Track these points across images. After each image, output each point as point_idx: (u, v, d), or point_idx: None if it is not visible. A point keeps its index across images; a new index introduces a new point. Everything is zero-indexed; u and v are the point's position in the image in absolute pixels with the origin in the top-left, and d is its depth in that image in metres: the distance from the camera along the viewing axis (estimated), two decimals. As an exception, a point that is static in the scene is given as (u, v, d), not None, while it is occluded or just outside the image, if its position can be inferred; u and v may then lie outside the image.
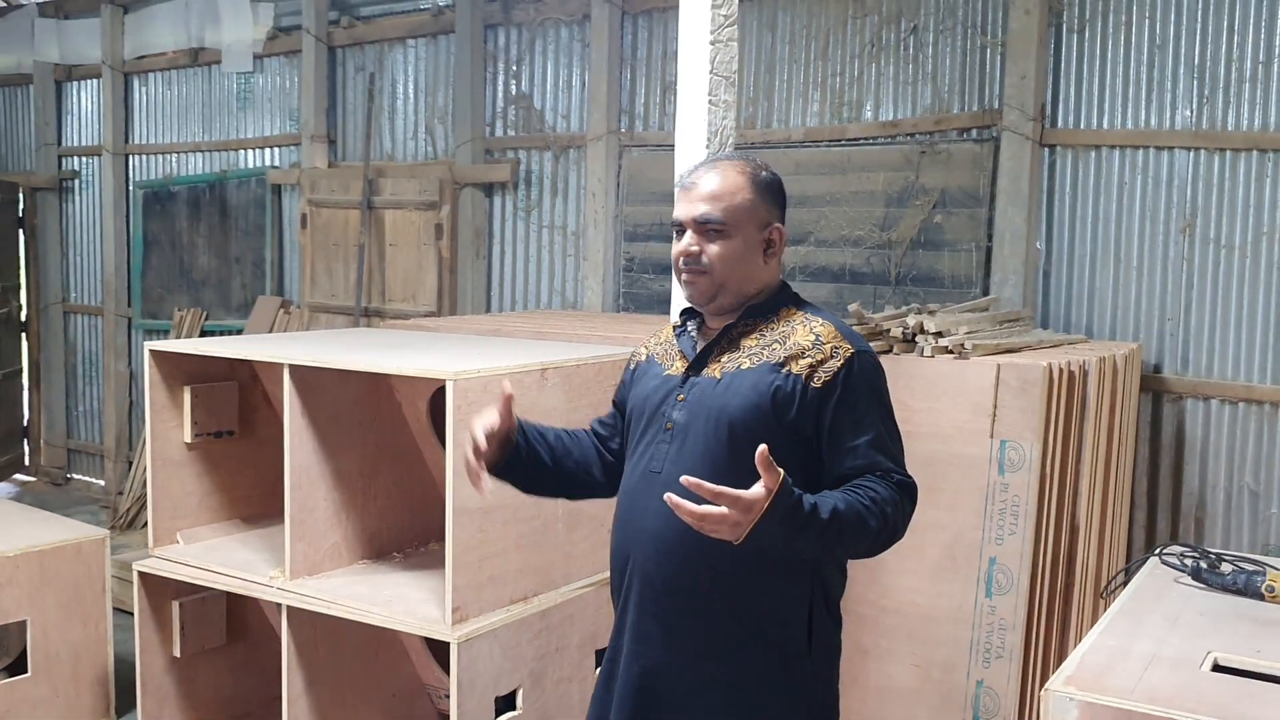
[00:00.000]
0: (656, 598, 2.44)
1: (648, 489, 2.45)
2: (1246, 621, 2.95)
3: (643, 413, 2.55)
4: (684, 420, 2.45)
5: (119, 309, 9.41)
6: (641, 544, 2.46)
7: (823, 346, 2.41)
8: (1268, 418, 4.90)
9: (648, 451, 2.50)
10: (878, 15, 5.74)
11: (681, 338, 2.60)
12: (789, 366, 2.39)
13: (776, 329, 2.48)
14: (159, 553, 4.29)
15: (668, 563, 2.42)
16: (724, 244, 2.46)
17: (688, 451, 2.42)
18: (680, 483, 2.11)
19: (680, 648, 2.44)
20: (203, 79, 8.89)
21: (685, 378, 2.50)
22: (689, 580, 2.41)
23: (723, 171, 2.49)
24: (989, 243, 5.35)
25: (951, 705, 4.00)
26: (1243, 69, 4.87)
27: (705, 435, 2.41)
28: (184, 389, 4.36)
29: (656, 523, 2.40)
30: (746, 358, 2.44)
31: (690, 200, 2.47)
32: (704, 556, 2.36)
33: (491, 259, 7.23)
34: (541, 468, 2.65)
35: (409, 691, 4.43)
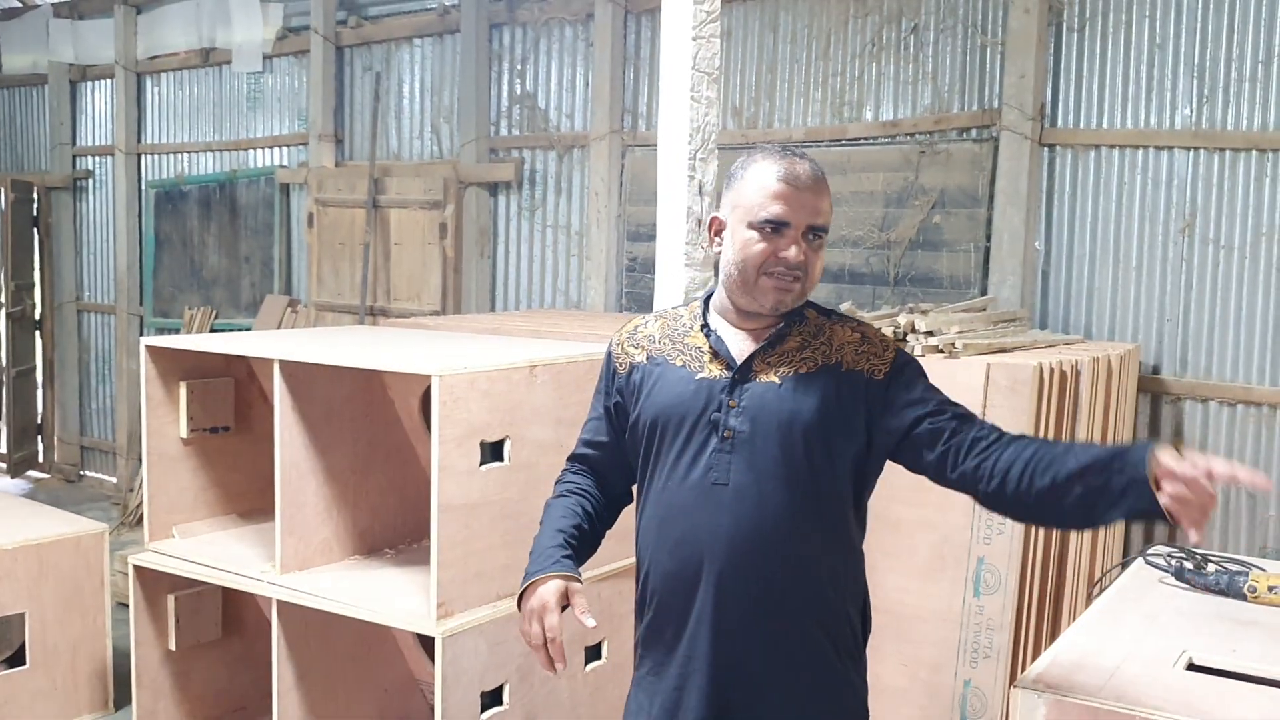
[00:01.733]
0: (738, 615, 2.33)
1: (711, 502, 2.33)
2: (1226, 621, 2.94)
3: (680, 421, 2.38)
4: (745, 428, 2.32)
5: (131, 307, 9.49)
6: (713, 561, 2.32)
7: (872, 343, 2.40)
8: (1266, 420, 4.88)
9: (698, 462, 2.35)
10: (878, 15, 5.74)
11: (711, 338, 2.44)
12: (848, 365, 2.36)
13: (813, 332, 2.41)
14: (154, 547, 4.32)
15: (747, 577, 2.32)
16: (821, 254, 2.39)
17: (759, 460, 2.31)
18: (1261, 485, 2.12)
19: (769, 659, 2.35)
20: (213, 79, 8.96)
21: (733, 383, 2.37)
22: (768, 592, 2.32)
23: (818, 175, 2.37)
24: (988, 243, 5.34)
25: (939, 705, 4.00)
26: (1242, 69, 4.85)
27: (777, 442, 2.31)
28: (180, 385, 4.39)
29: (731, 537, 2.31)
30: (802, 362, 2.36)
31: (804, 205, 2.31)
32: (785, 566, 2.32)
33: (496, 258, 7.26)
34: (583, 559, 2.55)
35: (401, 686, 4.45)
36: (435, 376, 3.43)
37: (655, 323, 2.58)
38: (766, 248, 2.32)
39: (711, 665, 2.36)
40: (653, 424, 2.43)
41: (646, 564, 2.47)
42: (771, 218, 2.31)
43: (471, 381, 3.53)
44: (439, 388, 3.43)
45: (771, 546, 2.29)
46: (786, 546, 2.30)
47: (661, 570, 2.42)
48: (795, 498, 2.31)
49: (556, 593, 2.36)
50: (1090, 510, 2.16)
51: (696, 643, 2.37)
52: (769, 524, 2.30)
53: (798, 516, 2.31)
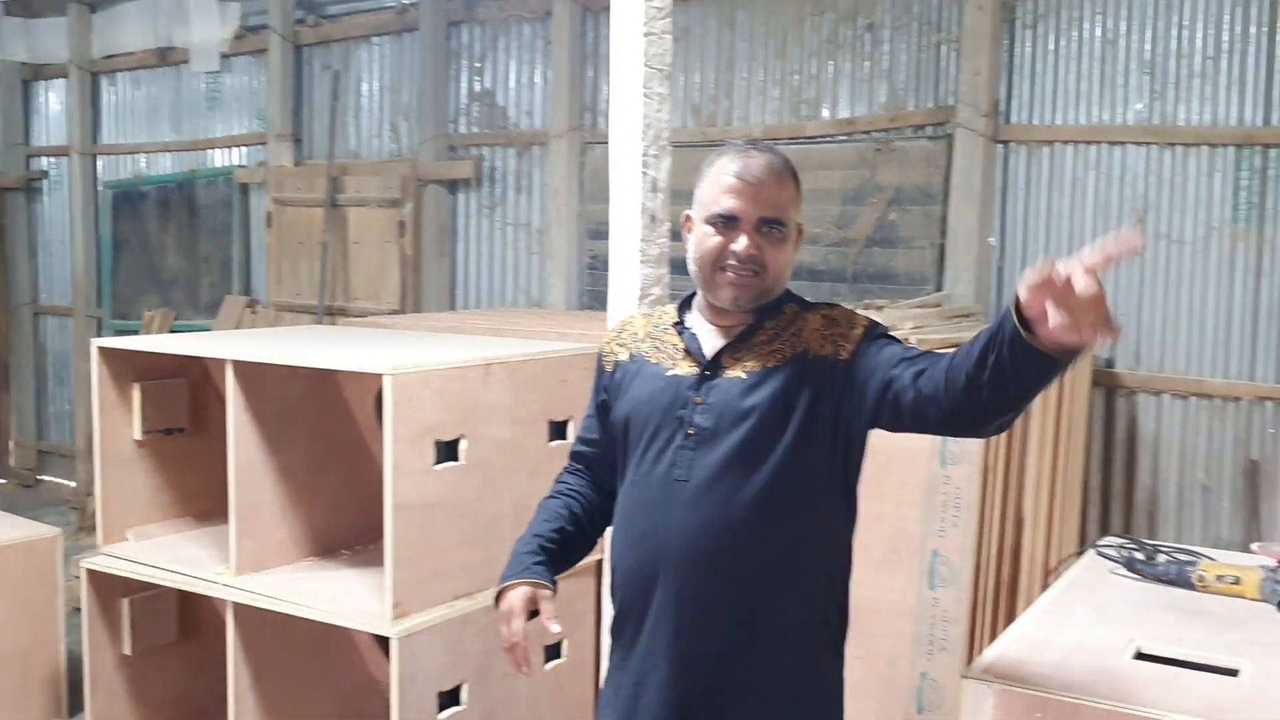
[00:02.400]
0: (697, 610, 2.33)
1: (673, 499, 2.33)
2: (1174, 611, 2.96)
3: (648, 417, 2.40)
4: (709, 424, 2.32)
5: (89, 309, 9.40)
6: (674, 557, 2.32)
7: (838, 324, 2.36)
8: (1218, 412, 4.93)
9: (663, 458, 2.36)
10: (835, 13, 5.76)
11: (684, 335, 2.45)
12: (815, 351, 2.32)
13: (787, 324, 2.39)
14: (108, 550, 4.28)
15: (707, 572, 2.31)
16: (783, 248, 2.36)
17: (718, 456, 2.31)
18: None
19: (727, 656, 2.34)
20: (171, 79, 8.89)
21: (700, 379, 2.37)
22: (730, 588, 2.31)
23: (779, 170, 2.35)
24: (943, 239, 5.38)
25: (895, 698, 4.02)
26: (1192, 64, 4.91)
27: (743, 438, 2.30)
28: (133, 386, 4.35)
29: (692, 533, 2.31)
30: (770, 356, 2.34)
31: (755, 198, 2.31)
32: (746, 562, 2.30)
33: (455, 257, 7.24)
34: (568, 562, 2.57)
35: (359, 687, 4.43)
36: (387, 376, 3.42)
37: (642, 320, 2.60)
38: (720, 242, 2.33)
39: (669, 663, 2.36)
40: (626, 421, 2.45)
41: (614, 559, 2.49)
42: (723, 212, 2.32)
43: (424, 380, 3.52)
44: (390, 387, 3.41)
45: (733, 543, 2.29)
46: (749, 543, 2.29)
47: (625, 566, 2.43)
48: (759, 494, 2.29)
49: (523, 599, 2.39)
50: (1004, 393, 2.01)
51: (656, 639, 2.37)
52: (730, 521, 2.29)
53: (761, 513, 2.29)
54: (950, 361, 2.12)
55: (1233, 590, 3.06)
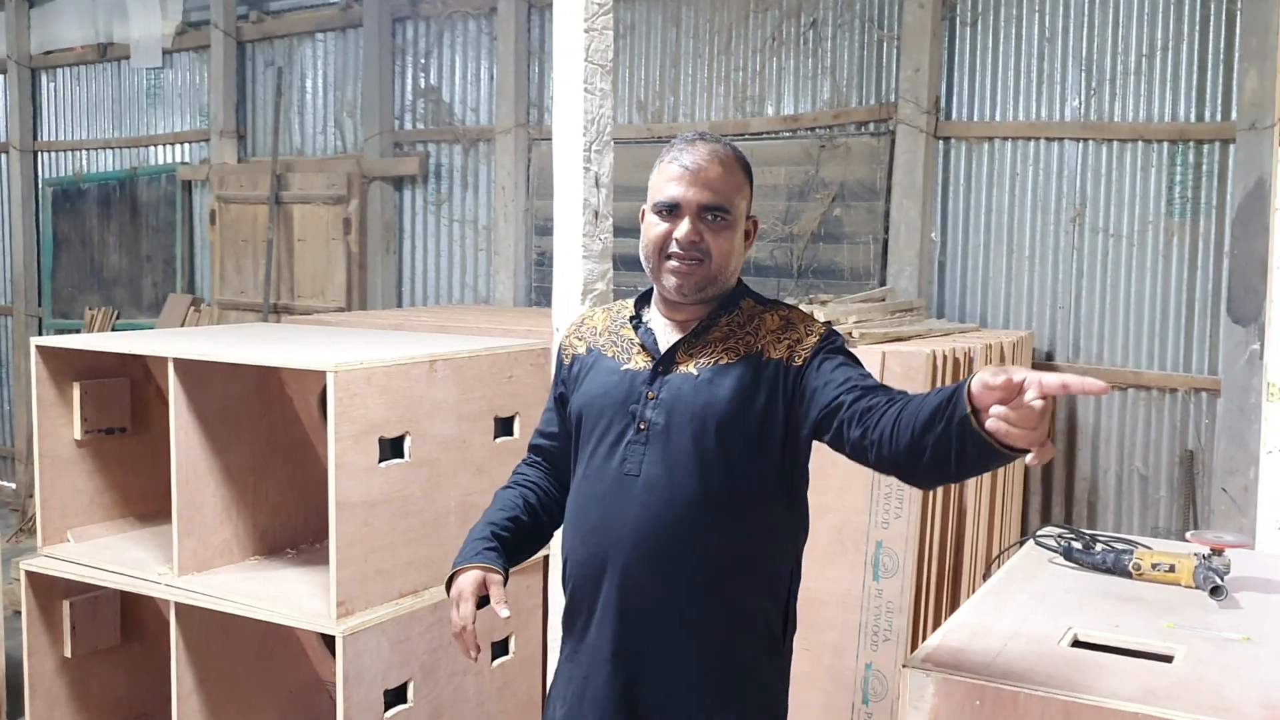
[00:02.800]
0: (640, 605, 2.34)
1: (623, 493, 2.35)
2: (1111, 599, 3.01)
3: (601, 411, 2.41)
4: (661, 420, 2.33)
5: (29, 309, 9.26)
6: (621, 551, 2.34)
7: (795, 328, 2.36)
8: (1155, 403, 5.02)
9: (615, 453, 2.37)
10: (778, 10, 5.79)
11: (639, 330, 2.46)
12: (769, 353, 2.33)
13: (743, 321, 2.39)
14: (48, 552, 4.22)
15: (651, 568, 2.33)
16: (726, 235, 2.34)
17: (668, 452, 2.32)
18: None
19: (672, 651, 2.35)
20: (111, 74, 8.78)
21: (654, 374, 2.38)
22: (674, 585, 2.31)
23: (723, 157, 2.35)
24: (886, 235, 5.43)
25: (841, 688, 4.06)
26: (1127, 62, 4.99)
27: (690, 434, 2.31)
28: (73, 385, 4.30)
29: (638, 528, 2.32)
30: (724, 353, 2.35)
31: (695, 184, 2.31)
32: (692, 559, 2.31)
33: (402, 254, 7.21)
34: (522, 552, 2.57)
35: (306, 688, 4.40)
36: (330, 372, 3.40)
37: (602, 314, 2.60)
38: (665, 230, 2.34)
39: (614, 656, 2.37)
40: (580, 414, 2.46)
41: (565, 551, 2.50)
42: (666, 200, 2.34)
43: (368, 377, 3.50)
44: (334, 384, 3.39)
45: (679, 539, 2.30)
46: (695, 539, 2.30)
47: (576, 558, 2.44)
48: (707, 490, 2.30)
49: (474, 583, 2.38)
50: (945, 465, 2.01)
51: (602, 632, 2.39)
52: (677, 516, 2.30)
53: (709, 510, 2.31)
54: (899, 414, 2.10)
55: (1168, 578, 3.11)
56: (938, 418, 1.98)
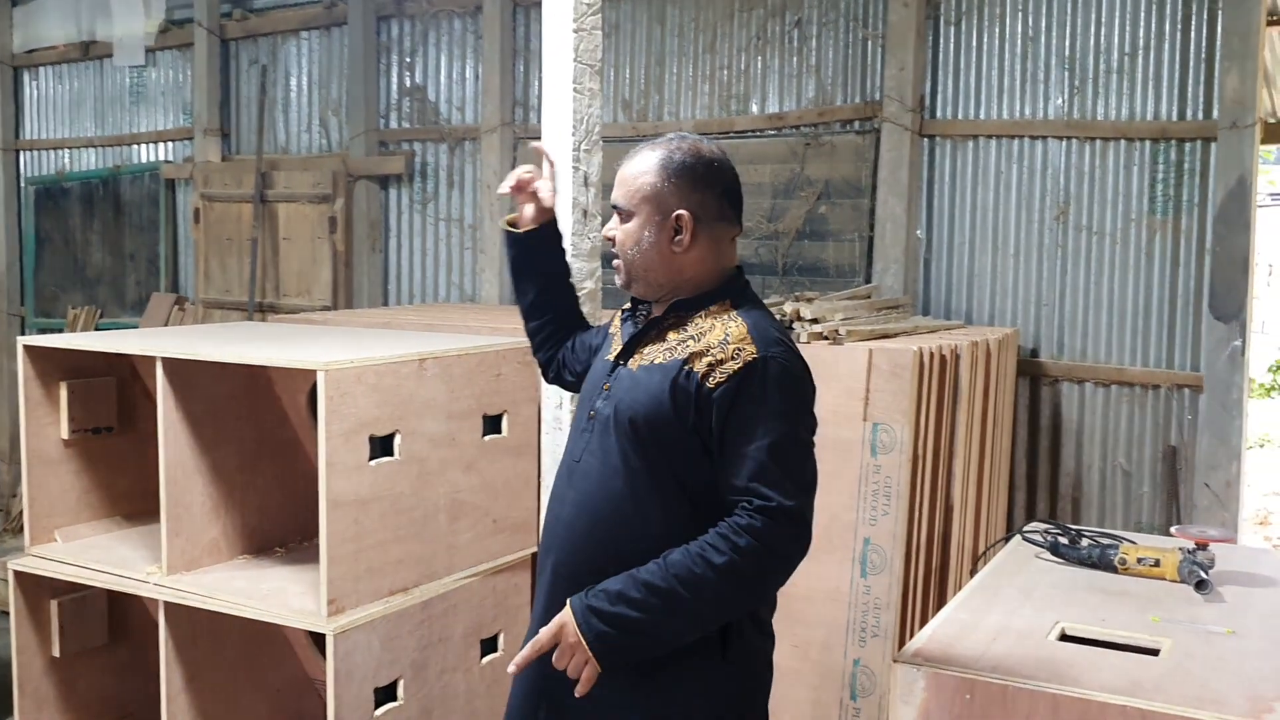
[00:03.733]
0: (564, 587, 2.37)
1: (567, 476, 2.44)
2: (1097, 593, 3.05)
3: (583, 395, 2.54)
4: (606, 411, 2.39)
5: (11, 308, 9.22)
6: (559, 534, 2.43)
7: (727, 346, 2.27)
8: (1138, 399, 5.06)
9: (574, 438, 2.49)
10: (763, 9, 5.81)
11: (626, 323, 2.53)
12: (691, 364, 2.29)
13: (699, 324, 2.36)
14: (36, 551, 4.21)
15: (579, 554, 2.37)
16: (627, 230, 2.42)
17: (606, 443, 2.36)
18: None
19: None
20: (94, 73, 8.74)
21: (614, 366, 2.45)
22: (598, 575, 2.30)
23: (641, 155, 2.44)
24: (871, 232, 5.46)
25: (829, 684, 4.08)
26: (1110, 60, 5.03)
27: (617, 429, 2.35)
28: (60, 385, 4.28)
29: (571, 512, 2.40)
30: (663, 352, 2.36)
31: (615, 187, 2.47)
32: (609, 551, 2.32)
33: (388, 252, 7.21)
34: (555, 272, 2.88)
35: (295, 686, 4.40)
36: (320, 371, 3.40)
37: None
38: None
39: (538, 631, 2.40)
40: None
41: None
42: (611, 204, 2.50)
43: (358, 375, 3.51)
44: (324, 382, 3.40)
45: (598, 528, 2.35)
46: (613, 531, 2.33)
47: (540, 540, 2.56)
48: (628, 485, 2.33)
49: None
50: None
51: (537, 606, 2.49)
52: (599, 507, 2.36)
53: (629, 504, 2.33)
54: (707, 536, 2.21)
55: (1153, 572, 3.15)
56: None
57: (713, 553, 2.18)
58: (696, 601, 2.18)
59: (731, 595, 2.22)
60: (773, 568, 2.24)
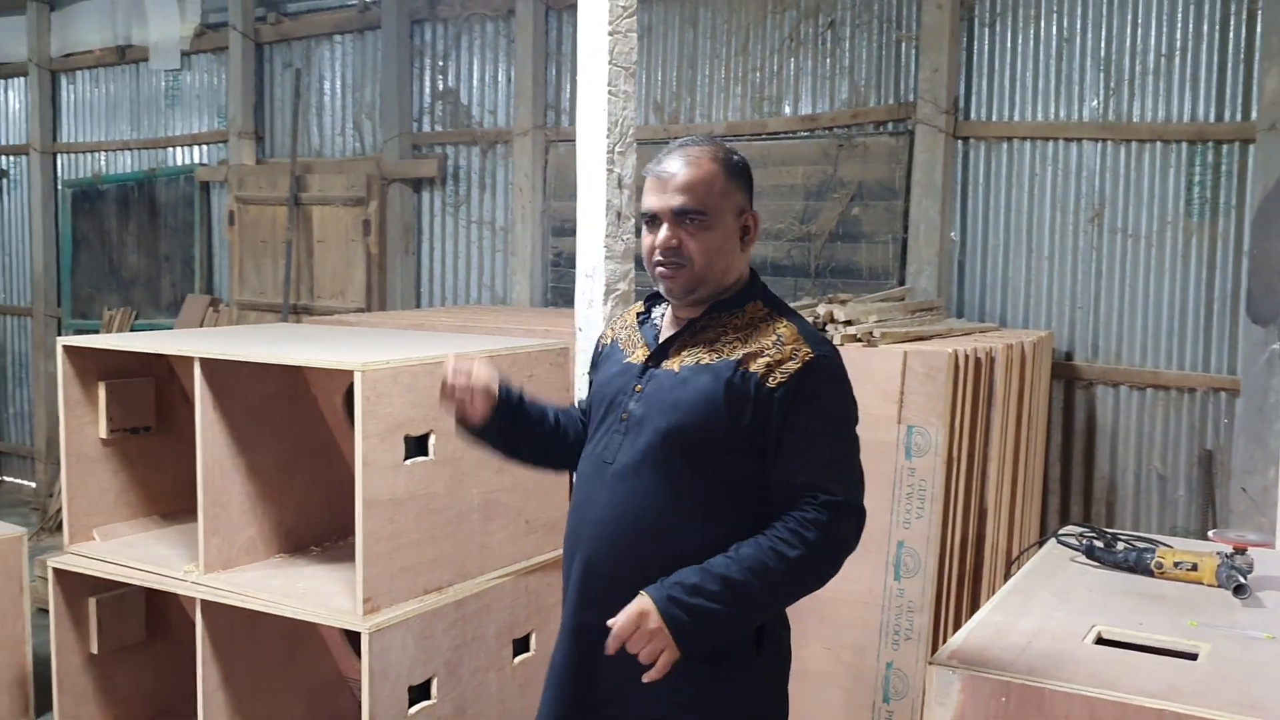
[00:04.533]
0: (600, 587, 2.40)
1: (599, 478, 2.43)
2: (1133, 596, 3.03)
3: (603, 399, 2.50)
4: (640, 413, 2.39)
5: (48, 309, 9.32)
6: (589, 533, 2.43)
7: (783, 347, 2.33)
8: (1174, 403, 5.02)
9: (603, 440, 2.46)
10: (796, 10, 5.81)
11: (644, 325, 2.54)
12: (746, 365, 2.32)
13: (740, 325, 2.41)
14: (75, 549, 4.26)
15: (614, 553, 2.39)
16: (705, 236, 2.37)
17: (641, 444, 2.38)
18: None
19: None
20: (130, 77, 8.83)
21: (644, 368, 2.45)
22: (635, 573, 2.33)
23: (695, 159, 2.39)
24: (905, 234, 5.44)
25: (862, 687, 4.07)
26: (1146, 62, 4.99)
27: (659, 429, 2.35)
28: (99, 385, 4.33)
29: (604, 514, 2.40)
30: (708, 353, 2.38)
31: (666, 190, 2.37)
32: (649, 550, 2.34)
33: (421, 255, 7.24)
34: (528, 424, 2.61)
35: (329, 684, 4.44)
36: (357, 371, 3.43)
37: (635, 309, 2.68)
38: (649, 240, 2.43)
39: (571, 633, 2.47)
40: (591, 401, 2.59)
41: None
42: (645, 211, 2.44)
43: (394, 376, 3.53)
44: (361, 383, 3.43)
45: (640, 528, 2.36)
46: (655, 531, 2.35)
47: (564, 535, 2.56)
48: (671, 486, 2.35)
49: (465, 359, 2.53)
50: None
51: (569, 609, 2.50)
52: (639, 506, 2.37)
53: (671, 504, 2.35)
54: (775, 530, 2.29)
55: (1190, 576, 3.13)
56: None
57: (784, 546, 2.26)
58: (767, 592, 2.28)
59: (799, 585, 2.34)
60: (836, 559, 2.37)
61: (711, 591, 2.23)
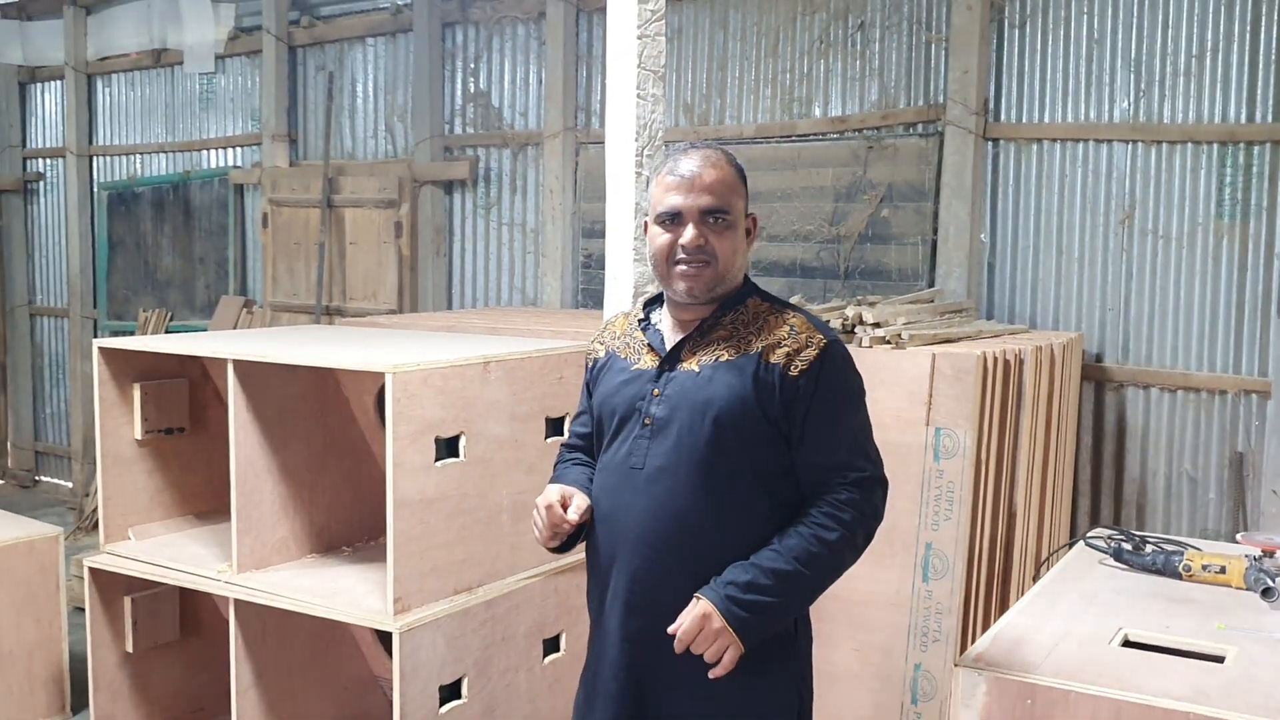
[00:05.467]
0: (646, 593, 2.44)
1: (629, 485, 2.47)
2: (1161, 599, 3.02)
3: (614, 410, 2.54)
4: (664, 415, 2.45)
5: (85, 311, 9.43)
6: (627, 541, 2.46)
7: (798, 336, 2.45)
8: (1204, 405, 5.00)
9: (623, 447, 2.50)
10: (826, 12, 5.82)
11: (647, 331, 2.58)
12: (768, 356, 2.42)
13: (748, 320, 2.50)
14: (110, 549, 4.32)
15: (656, 557, 2.43)
16: (729, 235, 2.47)
17: (671, 445, 2.43)
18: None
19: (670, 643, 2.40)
20: (165, 80, 8.93)
21: (660, 372, 2.50)
22: (680, 575, 2.41)
23: (715, 161, 2.48)
24: (934, 236, 5.43)
25: (890, 688, 4.08)
26: (1177, 63, 4.97)
27: (691, 429, 2.42)
28: (134, 386, 4.40)
29: (642, 519, 2.44)
30: (725, 350, 2.46)
31: (693, 191, 2.44)
32: (693, 549, 2.41)
33: (452, 256, 7.29)
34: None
35: (360, 683, 4.48)
36: (388, 373, 3.47)
37: (623, 319, 2.74)
38: (669, 239, 2.47)
39: (619, 642, 2.49)
40: (599, 414, 2.62)
41: (587, 543, 2.63)
42: (667, 209, 2.47)
43: (425, 378, 3.57)
44: (392, 384, 3.46)
45: (682, 529, 2.41)
46: (698, 529, 2.41)
47: (591, 547, 2.59)
48: (708, 483, 2.41)
49: (557, 491, 2.56)
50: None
51: (611, 618, 2.51)
52: (679, 507, 2.41)
53: (710, 501, 2.41)
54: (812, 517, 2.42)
55: (1218, 579, 3.12)
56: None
57: (824, 531, 2.40)
58: (815, 577, 2.41)
59: (843, 563, 2.47)
60: (871, 533, 2.51)
61: (765, 585, 2.35)
